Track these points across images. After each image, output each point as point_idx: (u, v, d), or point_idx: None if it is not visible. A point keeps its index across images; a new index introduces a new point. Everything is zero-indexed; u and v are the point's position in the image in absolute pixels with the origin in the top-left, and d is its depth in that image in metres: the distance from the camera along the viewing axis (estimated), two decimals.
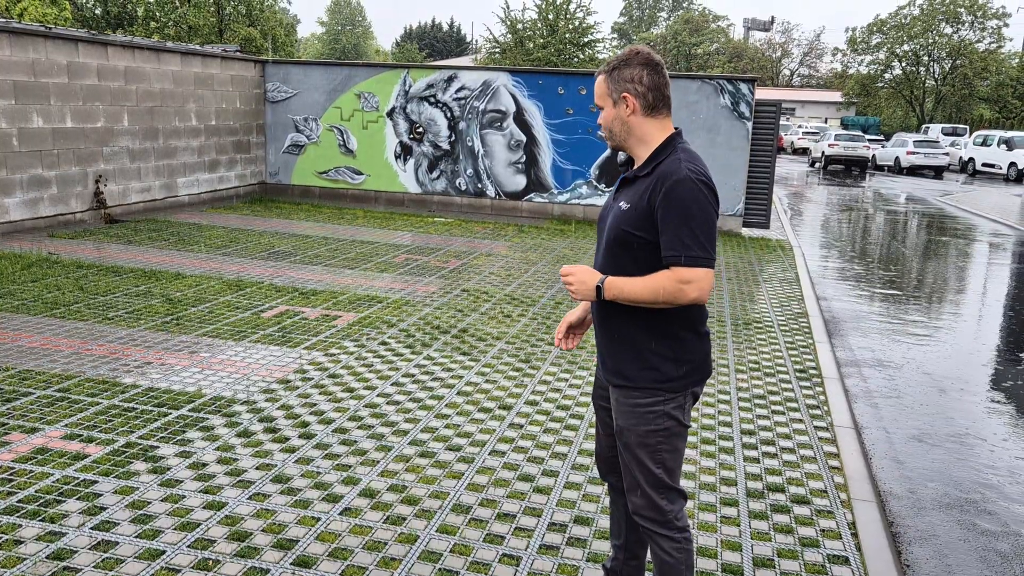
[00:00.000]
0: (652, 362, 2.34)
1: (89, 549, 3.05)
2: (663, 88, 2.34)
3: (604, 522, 3.47)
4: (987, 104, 51.20)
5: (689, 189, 2.20)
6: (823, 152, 31.92)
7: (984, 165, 30.03)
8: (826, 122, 53.50)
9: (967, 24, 49.53)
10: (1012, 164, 27.97)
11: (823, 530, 3.53)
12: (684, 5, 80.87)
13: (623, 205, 2.33)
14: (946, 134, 37.44)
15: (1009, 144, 28.32)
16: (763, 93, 51.09)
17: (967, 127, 41.60)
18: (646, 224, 2.26)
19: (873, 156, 32.59)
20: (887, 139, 38.10)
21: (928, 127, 40.55)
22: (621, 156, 2.56)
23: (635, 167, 2.39)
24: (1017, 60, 49.71)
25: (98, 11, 34.09)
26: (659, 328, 2.33)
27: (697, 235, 2.19)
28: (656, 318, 2.32)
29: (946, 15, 49.19)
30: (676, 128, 2.37)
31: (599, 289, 2.29)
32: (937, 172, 30.23)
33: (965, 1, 48.96)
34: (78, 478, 3.60)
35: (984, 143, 30.39)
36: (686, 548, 2.43)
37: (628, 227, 2.29)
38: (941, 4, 49.39)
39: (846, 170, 32.20)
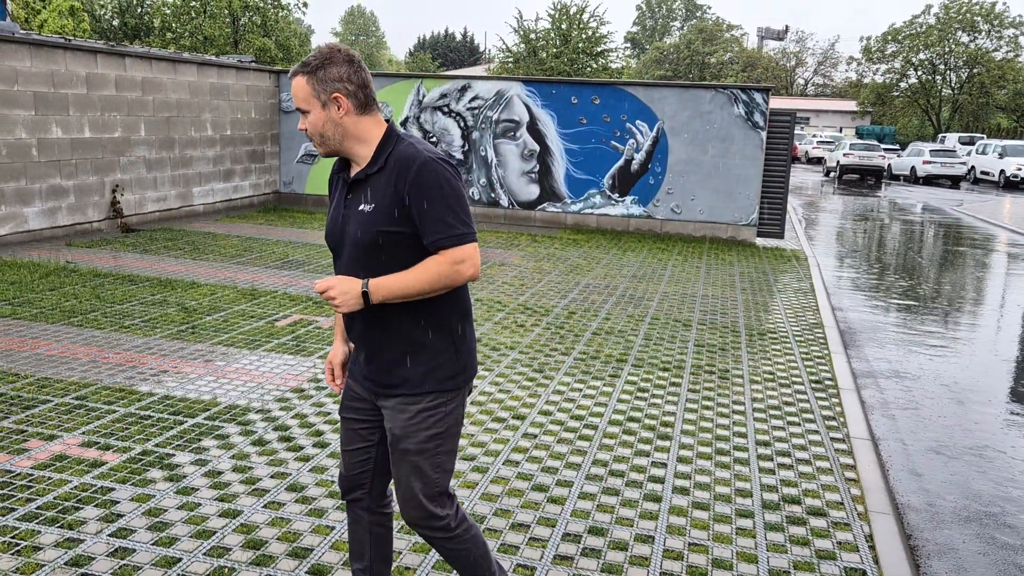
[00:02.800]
0: (433, 362, 2.26)
1: (106, 556, 3.07)
2: (370, 84, 2.27)
3: (619, 533, 3.45)
4: (1004, 113, 50.87)
5: (434, 170, 2.15)
6: (838, 162, 31.76)
7: (982, 173, 30.44)
8: (841, 131, 53.31)
9: (984, 33, 49.29)
10: (1002, 172, 28.73)
11: (840, 542, 3.50)
12: (697, 14, 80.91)
13: (365, 208, 2.21)
14: (963, 143, 37.25)
15: (1002, 152, 28.97)
16: (777, 102, 50.98)
17: (984, 136, 41.33)
18: (399, 218, 2.17)
19: (888, 166, 32.42)
20: (902, 148, 37.90)
21: (944, 136, 40.33)
22: (337, 164, 2.43)
23: (360, 168, 2.27)
24: None
25: (115, 23, 34.49)
26: (437, 323, 2.26)
27: (457, 212, 2.15)
28: (433, 312, 2.25)
29: (962, 24, 48.98)
30: (387, 121, 2.30)
31: (365, 295, 2.17)
32: (954, 182, 30.09)
33: (981, 10, 48.73)
34: (95, 485, 3.63)
35: (983, 152, 30.74)
36: (469, 535, 2.42)
37: (382, 227, 2.18)
38: (957, 13, 49.18)
39: (861, 180, 32.04)
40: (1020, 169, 28.01)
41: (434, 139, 13.24)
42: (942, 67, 50.38)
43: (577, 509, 3.65)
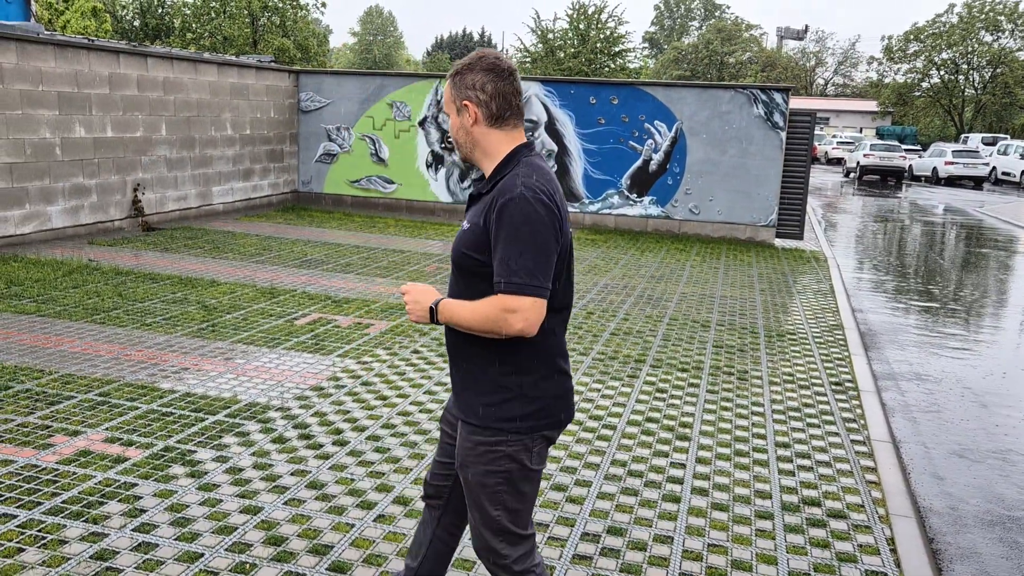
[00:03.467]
0: (498, 397, 2.14)
1: (130, 550, 3.11)
2: (510, 96, 2.13)
3: (637, 533, 3.45)
4: None
5: (521, 209, 1.99)
6: (858, 162, 31.50)
7: (1003, 173, 30.15)
8: (861, 132, 52.85)
9: (1007, 32, 48.70)
10: (1023, 173, 28.58)
11: (860, 545, 3.47)
12: (716, 14, 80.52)
13: (465, 225, 2.15)
14: (986, 144, 36.80)
15: None
16: (797, 103, 50.63)
17: (1008, 136, 40.83)
18: (482, 246, 2.06)
19: (910, 166, 32.12)
20: (924, 149, 37.52)
21: (967, 136, 39.86)
22: (475, 171, 2.42)
23: (483, 183, 2.21)
24: None
25: (136, 23, 34.83)
26: (506, 359, 2.13)
27: (525, 260, 1.98)
28: (504, 348, 2.11)
29: (985, 23, 48.41)
30: (528, 138, 2.19)
31: (432, 311, 2.12)
32: (977, 183, 29.76)
33: (1005, 9, 48.15)
34: (119, 480, 3.67)
35: (1004, 152, 30.45)
36: None
37: (466, 249, 2.10)
38: (980, 12, 48.63)
39: (882, 180, 31.75)
40: None
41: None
42: (965, 67, 49.82)
43: (596, 509, 3.64)
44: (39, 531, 3.22)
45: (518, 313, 1.99)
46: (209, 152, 11.98)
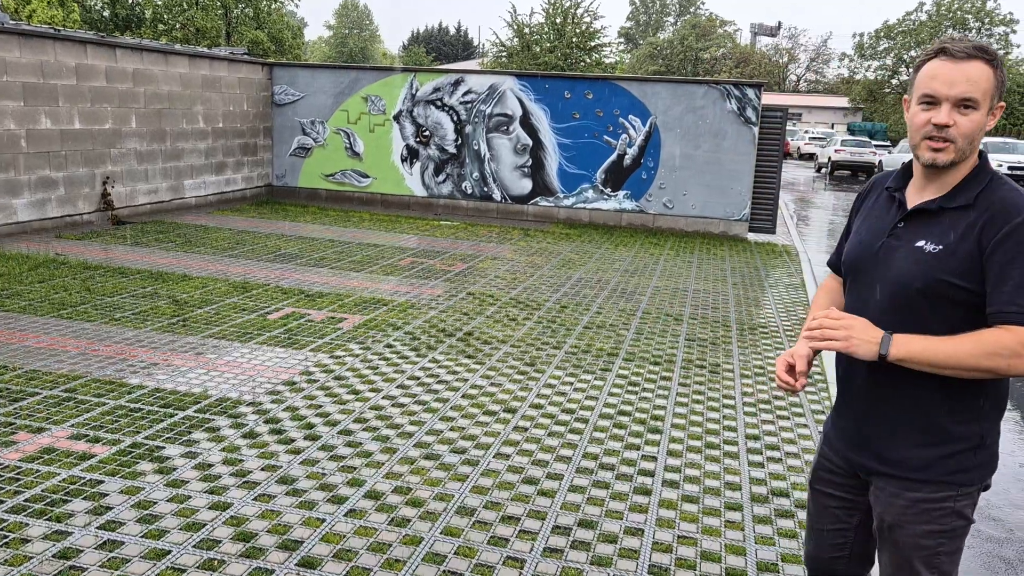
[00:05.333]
0: (949, 448, 1.88)
1: (95, 548, 3.07)
2: None
3: (608, 526, 3.47)
4: None
5: None
6: (829, 158, 31.85)
7: None
8: (833, 127, 53.43)
9: (975, 30, 49.45)
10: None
11: None
12: (691, 10, 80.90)
13: (928, 247, 1.84)
14: None
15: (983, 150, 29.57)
16: (769, 98, 51.05)
17: None
18: (971, 272, 1.79)
19: (880, 162, 32.54)
20: (893, 145, 38.02)
21: None
22: (892, 180, 2.01)
23: (935, 196, 1.90)
24: None
25: (106, 13, 34.26)
26: (964, 403, 1.87)
27: None
28: (962, 391, 1.85)
29: (953, 21, 49.13)
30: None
31: (885, 344, 1.80)
32: None
33: (972, 7, 48.90)
34: (84, 478, 3.62)
35: None
36: None
37: (946, 275, 1.81)
38: (948, 10, 49.34)
39: (852, 176, 32.15)
40: (1001, 166, 28.25)
41: (427, 132, 13.22)
42: None
43: (567, 502, 3.66)
44: (0, 530, 3.17)
45: None
46: (181, 145, 11.82)
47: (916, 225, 1.90)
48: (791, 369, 2.05)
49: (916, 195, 1.95)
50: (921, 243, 1.86)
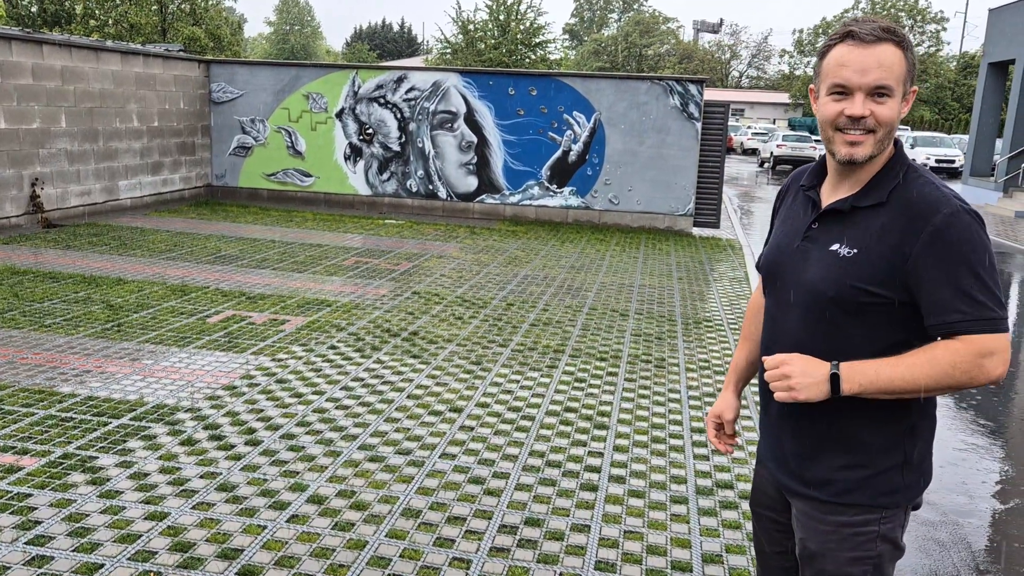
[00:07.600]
0: (873, 467, 1.73)
1: (23, 565, 2.94)
2: None
3: (555, 523, 3.46)
4: (927, 106, 52.80)
5: (967, 226, 1.60)
6: (771, 152, 32.51)
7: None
8: (774, 123, 54.55)
9: (907, 28, 51.03)
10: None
11: None
12: (635, 7, 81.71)
13: (842, 250, 1.69)
14: None
15: (913, 143, 31.05)
16: (712, 94, 51.86)
17: (908, 128, 42.83)
18: (890, 278, 1.64)
19: (820, 156, 33.37)
20: None
21: None
22: (806, 178, 1.88)
23: (846, 194, 1.75)
24: (955, 63, 51.35)
25: (34, 8, 33.06)
26: (895, 420, 1.72)
27: (991, 288, 1.60)
28: (896, 408, 1.70)
29: (888, 19, 50.58)
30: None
31: (835, 379, 1.63)
32: None
33: (905, 5, 50.44)
34: (11, 492, 3.47)
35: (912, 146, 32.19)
36: None
37: (862, 282, 1.65)
38: (883, 8, 50.80)
39: (794, 170, 32.88)
40: (928, 159, 29.26)
41: (370, 130, 13.07)
42: None
43: (514, 500, 3.64)
44: None
45: (997, 355, 1.58)
46: (114, 145, 11.46)
47: (830, 226, 1.75)
48: (720, 428, 2.09)
49: (831, 193, 1.79)
50: (835, 246, 1.71)
